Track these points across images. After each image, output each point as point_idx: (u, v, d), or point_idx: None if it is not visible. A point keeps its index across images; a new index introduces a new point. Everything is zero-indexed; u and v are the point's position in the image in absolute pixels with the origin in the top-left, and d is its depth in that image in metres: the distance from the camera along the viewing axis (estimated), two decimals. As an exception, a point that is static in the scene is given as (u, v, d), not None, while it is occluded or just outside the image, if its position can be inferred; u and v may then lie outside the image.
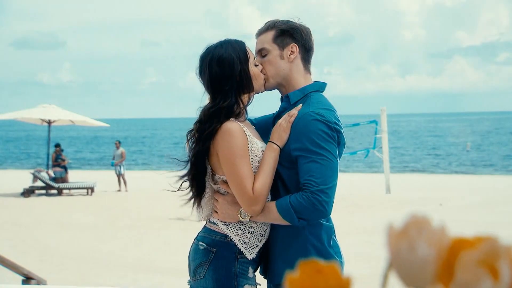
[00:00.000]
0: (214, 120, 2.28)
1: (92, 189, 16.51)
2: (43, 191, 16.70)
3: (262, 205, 2.25)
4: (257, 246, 2.34)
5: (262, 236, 2.36)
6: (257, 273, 2.42)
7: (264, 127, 2.55)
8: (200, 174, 2.35)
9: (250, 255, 2.32)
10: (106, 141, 63.03)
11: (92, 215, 12.73)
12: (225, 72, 2.32)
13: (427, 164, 34.46)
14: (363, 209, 13.15)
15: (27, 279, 4.52)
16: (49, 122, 17.87)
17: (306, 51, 2.46)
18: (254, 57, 2.42)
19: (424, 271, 0.40)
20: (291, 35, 2.42)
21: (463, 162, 35.12)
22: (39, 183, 16.81)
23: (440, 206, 13.46)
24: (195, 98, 2.44)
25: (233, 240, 2.31)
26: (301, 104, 2.37)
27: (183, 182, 2.40)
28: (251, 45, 2.53)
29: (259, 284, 2.40)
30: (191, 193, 2.40)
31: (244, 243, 2.32)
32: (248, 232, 2.33)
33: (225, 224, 2.34)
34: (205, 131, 2.28)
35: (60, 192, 16.59)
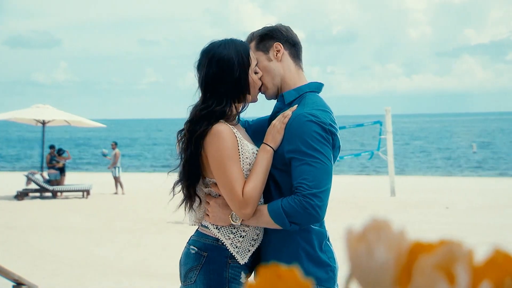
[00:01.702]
0: (204, 123, 2.28)
1: (87, 191, 16.49)
2: (37, 194, 16.67)
3: (253, 208, 2.24)
4: (249, 251, 2.34)
5: (255, 240, 2.36)
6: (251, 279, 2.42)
7: (259, 129, 2.55)
8: (192, 178, 2.35)
9: (242, 260, 2.32)
10: (103, 142, 63.04)
11: (87, 218, 12.73)
12: (223, 74, 2.31)
13: (433, 166, 34.44)
14: (367, 213, 13.13)
15: (18, 284, 4.52)
16: (44, 123, 17.84)
17: (292, 46, 2.48)
18: (256, 64, 2.42)
19: (383, 276, 0.40)
20: (271, 36, 2.46)
21: (470, 164, 35.09)
22: (33, 186, 16.79)
23: (446, 209, 13.45)
24: (194, 98, 2.45)
25: (224, 244, 2.31)
26: (296, 104, 2.36)
27: (175, 185, 2.41)
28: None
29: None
30: (182, 197, 2.40)
31: (236, 247, 2.31)
32: (240, 236, 2.32)
33: (216, 228, 2.33)
34: (196, 132, 2.28)
35: (54, 194, 16.58)
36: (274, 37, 2.46)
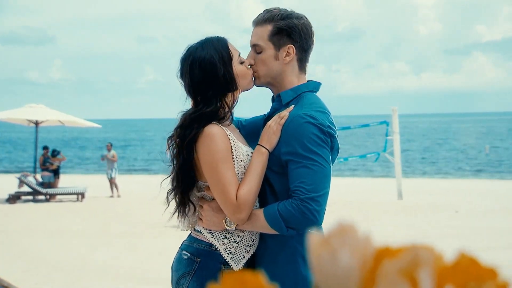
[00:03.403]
0: (194, 126, 2.27)
1: (82, 194, 16.47)
2: (30, 197, 16.68)
3: (247, 213, 2.23)
4: (244, 257, 2.33)
5: (250, 246, 2.35)
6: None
7: (254, 129, 2.55)
8: (186, 185, 2.35)
9: (237, 266, 2.31)
10: (99, 143, 63.06)
11: (82, 222, 12.74)
12: (208, 76, 2.30)
13: (441, 168, 34.41)
14: (373, 216, 13.11)
15: (8, 291, 4.51)
16: (37, 123, 17.84)
17: (304, 51, 2.43)
18: (239, 54, 2.40)
19: (348, 282, 0.40)
20: (288, 34, 2.38)
21: (480, 165, 35.04)
22: (25, 188, 16.79)
23: (456, 213, 13.43)
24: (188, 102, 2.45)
25: (218, 249, 2.30)
26: (293, 105, 2.35)
27: (168, 194, 2.41)
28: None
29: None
30: (175, 204, 2.40)
31: (230, 253, 2.30)
32: (235, 242, 2.32)
33: (210, 232, 2.33)
34: (186, 138, 2.27)
35: (48, 198, 16.59)
36: (292, 37, 2.38)
